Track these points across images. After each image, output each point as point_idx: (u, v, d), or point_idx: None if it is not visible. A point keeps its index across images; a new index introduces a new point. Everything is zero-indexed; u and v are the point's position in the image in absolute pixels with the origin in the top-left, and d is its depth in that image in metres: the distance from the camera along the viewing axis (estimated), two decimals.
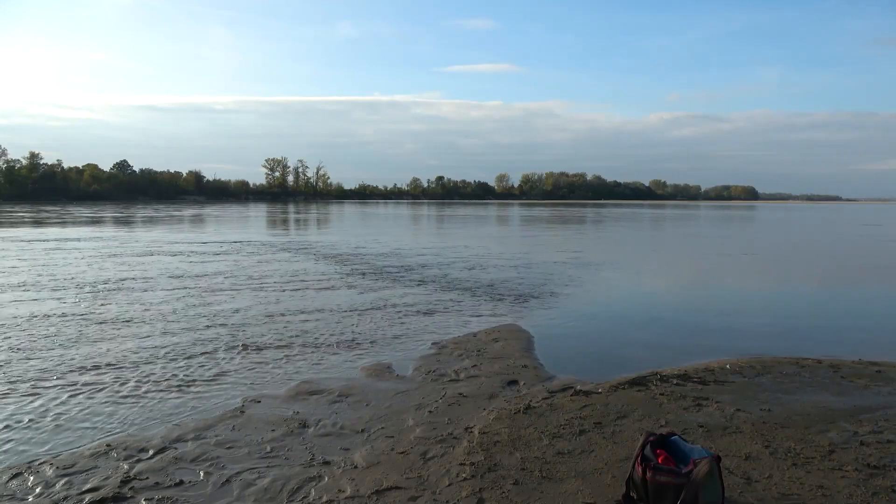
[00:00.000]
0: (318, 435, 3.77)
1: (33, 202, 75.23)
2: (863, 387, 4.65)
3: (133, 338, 6.20)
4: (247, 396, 4.46)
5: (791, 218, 49.17)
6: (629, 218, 45.94)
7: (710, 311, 8.49)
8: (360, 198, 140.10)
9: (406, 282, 10.41)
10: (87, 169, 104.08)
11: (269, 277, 10.74)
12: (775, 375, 4.93)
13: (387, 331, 6.72)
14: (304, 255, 14.85)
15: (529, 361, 5.52)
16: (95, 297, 8.59)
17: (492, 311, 7.98)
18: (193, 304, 8.12)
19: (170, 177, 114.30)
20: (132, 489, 3.03)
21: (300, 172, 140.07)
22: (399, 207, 78.54)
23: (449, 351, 5.88)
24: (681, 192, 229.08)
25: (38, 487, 3.06)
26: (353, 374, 5.12)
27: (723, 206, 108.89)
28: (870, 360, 5.48)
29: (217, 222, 33.20)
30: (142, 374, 4.98)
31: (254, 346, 5.94)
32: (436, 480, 3.12)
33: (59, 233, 22.45)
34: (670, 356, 5.71)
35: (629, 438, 3.59)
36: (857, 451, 3.40)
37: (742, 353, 5.77)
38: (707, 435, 3.64)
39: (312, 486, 3.07)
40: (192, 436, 3.72)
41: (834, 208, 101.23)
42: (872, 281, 12.03)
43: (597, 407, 4.16)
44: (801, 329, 7.20)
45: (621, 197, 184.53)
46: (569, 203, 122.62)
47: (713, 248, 20.05)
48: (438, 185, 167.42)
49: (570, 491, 2.97)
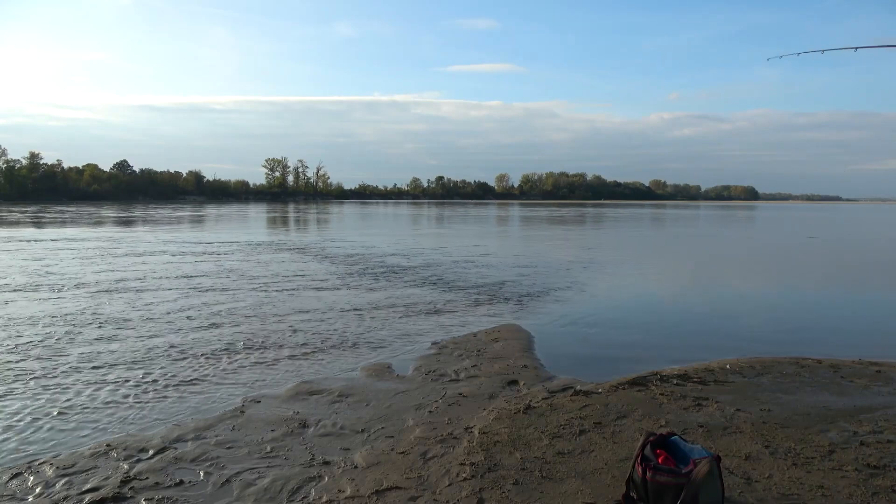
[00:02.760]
0: (318, 435, 3.77)
1: (33, 202, 75.20)
2: (863, 387, 4.65)
3: (133, 338, 6.20)
4: (247, 396, 4.46)
5: (791, 218, 49.17)
6: (629, 218, 45.95)
7: (710, 311, 8.50)
8: (359, 198, 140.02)
9: (406, 282, 10.41)
10: (87, 169, 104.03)
11: (269, 277, 10.74)
12: (775, 375, 4.93)
13: (387, 331, 6.72)
14: (305, 256, 14.85)
15: (529, 361, 5.52)
16: (95, 297, 8.59)
17: (492, 311, 7.98)
18: (193, 303, 8.12)
19: (170, 177, 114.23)
20: (132, 489, 3.03)
21: (300, 172, 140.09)
22: (399, 207, 78.54)
23: (449, 351, 5.88)
24: (681, 192, 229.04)
25: (38, 487, 3.06)
26: (353, 374, 5.12)
27: (723, 207, 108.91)
28: (870, 360, 5.48)
29: (217, 222, 33.20)
30: (142, 374, 4.98)
31: (254, 346, 5.94)
32: (436, 480, 3.12)
33: (59, 233, 22.45)
34: (670, 356, 5.72)
35: (629, 438, 3.59)
36: (857, 451, 3.40)
37: (742, 353, 5.77)
38: (707, 435, 3.64)
39: (312, 486, 3.07)
40: (192, 436, 3.72)
41: (834, 208, 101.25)
42: (872, 281, 12.03)
43: (597, 407, 4.15)
44: (801, 329, 7.20)
45: (621, 197, 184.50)
46: (569, 203, 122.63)
47: (713, 248, 20.07)
48: (438, 185, 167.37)
49: (570, 491, 2.97)
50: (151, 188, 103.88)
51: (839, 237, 25.23)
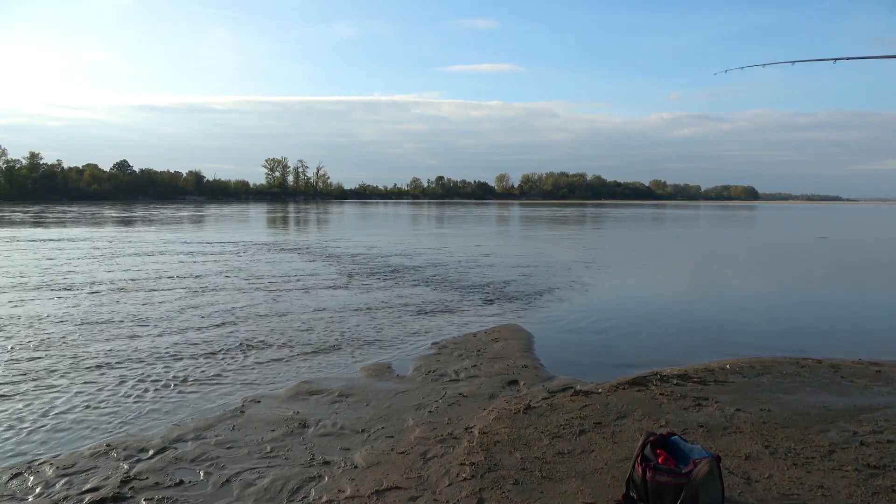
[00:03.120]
0: (318, 435, 3.77)
1: (33, 202, 75.23)
2: (863, 387, 4.65)
3: (133, 337, 6.20)
4: (247, 396, 4.46)
5: (794, 218, 49.17)
6: (631, 218, 45.94)
7: (710, 310, 8.50)
8: (359, 198, 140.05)
9: (406, 281, 10.41)
10: (87, 169, 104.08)
11: (269, 277, 10.74)
12: (775, 375, 4.93)
13: (387, 331, 6.72)
14: (305, 255, 14.85)
15: (529, 361, 5.52)
16: (95, 296, 8.59)
17: (492, 310, 7.98)
18: (193, 303, 8.12)
19: (170, 177, 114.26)
20: (132, 489, 3.03)
21: (300, 172, 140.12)
22: (399, 207, 78.54)
23: (449, 351, 5.88)
24: (681, 192, 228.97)
25: (38, 487, 3.06)
26: (353, 374, 5.12)
27: (723, 207, 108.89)
28: (870, 360, 5.47)
29: (217, 222, 33.20)
30: (142, 373, 4.98)
31: (254, 345, 5.94)
32: (436, 480, 3.12)
33: (58, 233, 22.45)
34: (670, 356, 5.72)
35: (629, 438, 3.59)
36: (857, 451, 3.40)
37: (742, 353, 5.77)
38: (707, 435, 3.64)
39: (312, 486, 3.07)
40: (192, 436, 3.73)
41: (834, 208, 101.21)
42: (872, 280, 12.03)
43: (597, 407, 4.15)
44: (801, 329, 7.20)
45: (621, 197, 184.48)
46: (569, 203, 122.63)
47: (714, 248, 20.06)
48: (438, 185, 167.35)
49: (570, 491, 2.97)
50: (151, 188, 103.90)
51: (849, 237, 25.18)
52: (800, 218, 49.42)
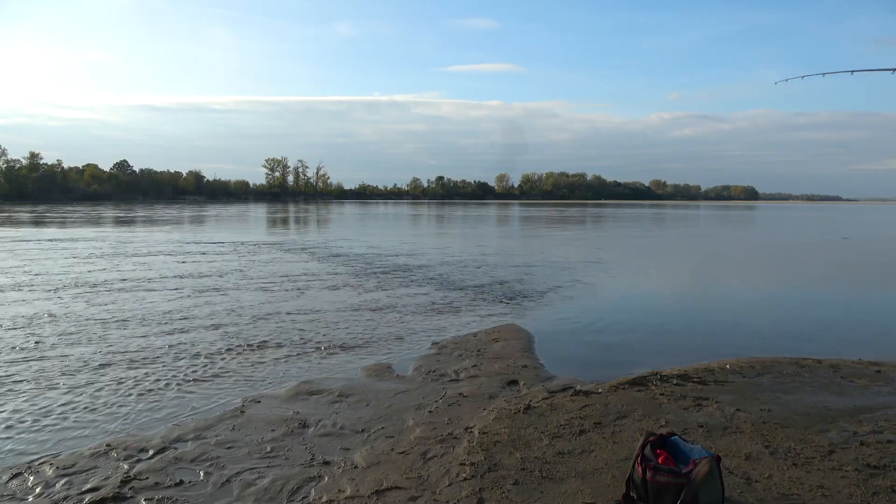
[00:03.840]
0: (318, 435, 3.77)
1: (33, 202, 75.26)
2: (863, 387, 4.65)
3: (133, 337, 6.20)
4: (247, 396, 4.46)
5: (797, 218, 49.14)
6: (630, 218, 45.94)
7: (710, 311, 8.50)
8: (360, 198, 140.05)
9: (406, 282, 10.41)
10: (87, 169, 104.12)
11: (270, 277, 10.74)
12: (775, 375, 4.93)
13: (387, 331, 6.72)
14: (305, 256, 14.85)
15: (529, 361, 5.52)
16: (95, 296, 8.59)
17: (492, 311, 7.98)
18: (193, 303, 8.12)
19: (170, 177, 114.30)
20: (132, 489, 3.03)
21: (300, 172, 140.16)
22: (399, 207, 78.54)
23: (449, 351, 5.88)
24: (681, 192, 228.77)
25: (38, 487, 3.06)
26: (353, 374, 5.12)
27: (723, 207, 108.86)
28: (870, 360, 5.47)
29: (217, 222, 33.21)
30: (142, 373, 4.98)
31: (254, 346, 5.94)
32: (436, 480, 3.12)
33: (58, 233, 22.46)
34: (670, 356, 5.72)
35: (629, 438, 3.59)
36: (857, 451, 3.40)
37: (742, 353, 5.76)
38: (707, 435, 3.64)
39: (312, 486, 3.07)
40: (192, 436, 3.73)
41: (834, 208, 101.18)
42: (872, 280, 12.02)
43: (597, 407, 4.15)
44: (801, 329, 7.20)
45: (621, 197, 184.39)
46: (569, 203, 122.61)
47: (714, 248, 20.06)
48: (438, 185, 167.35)
49: (570, 491, 2.97)
50: (151, 188, 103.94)
51: (870, 238, 24.96)
52: (804, 218, 49.40)
